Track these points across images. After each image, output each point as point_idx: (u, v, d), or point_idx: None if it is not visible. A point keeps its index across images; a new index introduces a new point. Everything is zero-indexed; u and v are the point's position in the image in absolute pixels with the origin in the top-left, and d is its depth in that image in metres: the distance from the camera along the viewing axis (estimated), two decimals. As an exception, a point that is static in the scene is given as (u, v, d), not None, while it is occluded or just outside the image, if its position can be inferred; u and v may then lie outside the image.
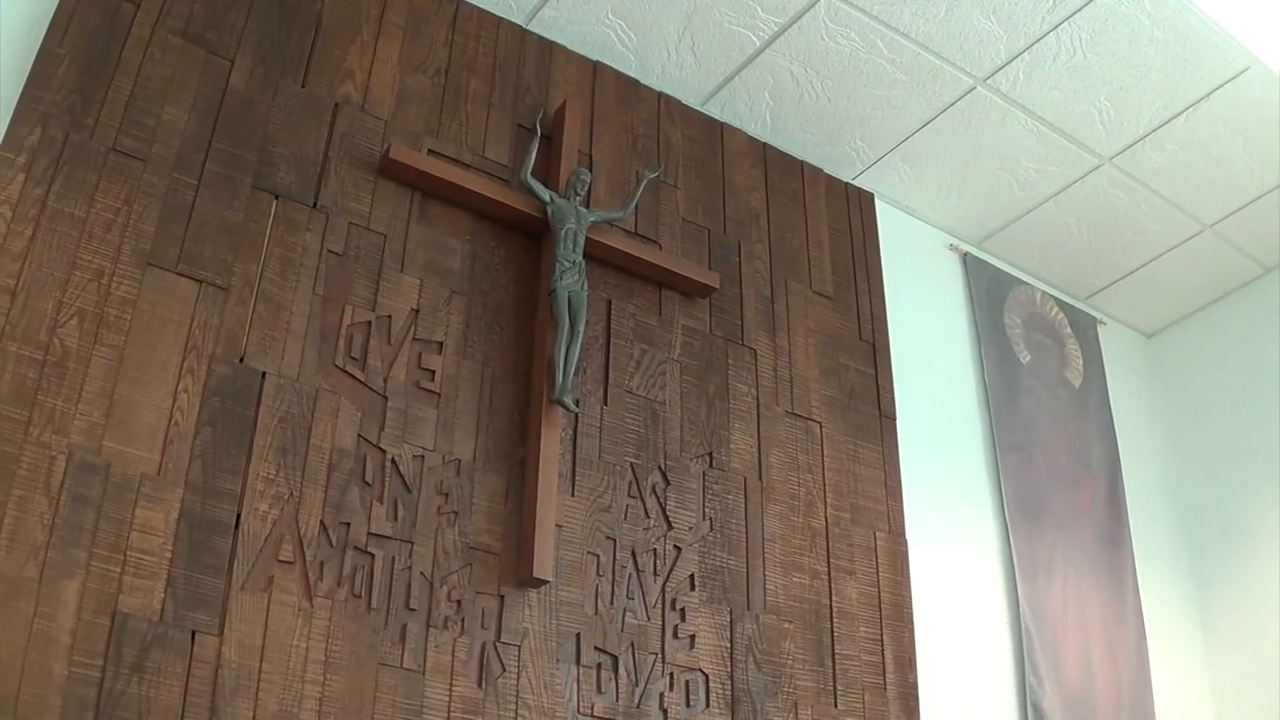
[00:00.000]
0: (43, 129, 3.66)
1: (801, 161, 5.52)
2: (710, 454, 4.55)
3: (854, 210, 5.59)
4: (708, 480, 4.49)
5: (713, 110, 5.34)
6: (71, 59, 3.80)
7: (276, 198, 4.01)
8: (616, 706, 3.94)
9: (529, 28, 4.97)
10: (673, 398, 4.55)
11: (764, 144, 5.44)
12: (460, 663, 3.72)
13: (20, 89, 3.69)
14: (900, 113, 5.47)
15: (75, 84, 3.78)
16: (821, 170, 5.57)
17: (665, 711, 4.02)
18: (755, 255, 5.08)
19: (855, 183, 5.70)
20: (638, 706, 3.97)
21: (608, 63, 5.10)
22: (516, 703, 3.76)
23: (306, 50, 4.31)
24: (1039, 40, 5.02)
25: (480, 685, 3.72)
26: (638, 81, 5.16)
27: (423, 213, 4.29)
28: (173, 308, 3.67)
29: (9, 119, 3.63)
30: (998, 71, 5.18)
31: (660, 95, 5.19)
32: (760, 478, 4.63)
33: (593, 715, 3.89)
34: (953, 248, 6.14)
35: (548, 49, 4.96)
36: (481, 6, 4.86)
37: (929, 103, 5.40)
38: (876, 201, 5.73)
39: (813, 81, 5.29)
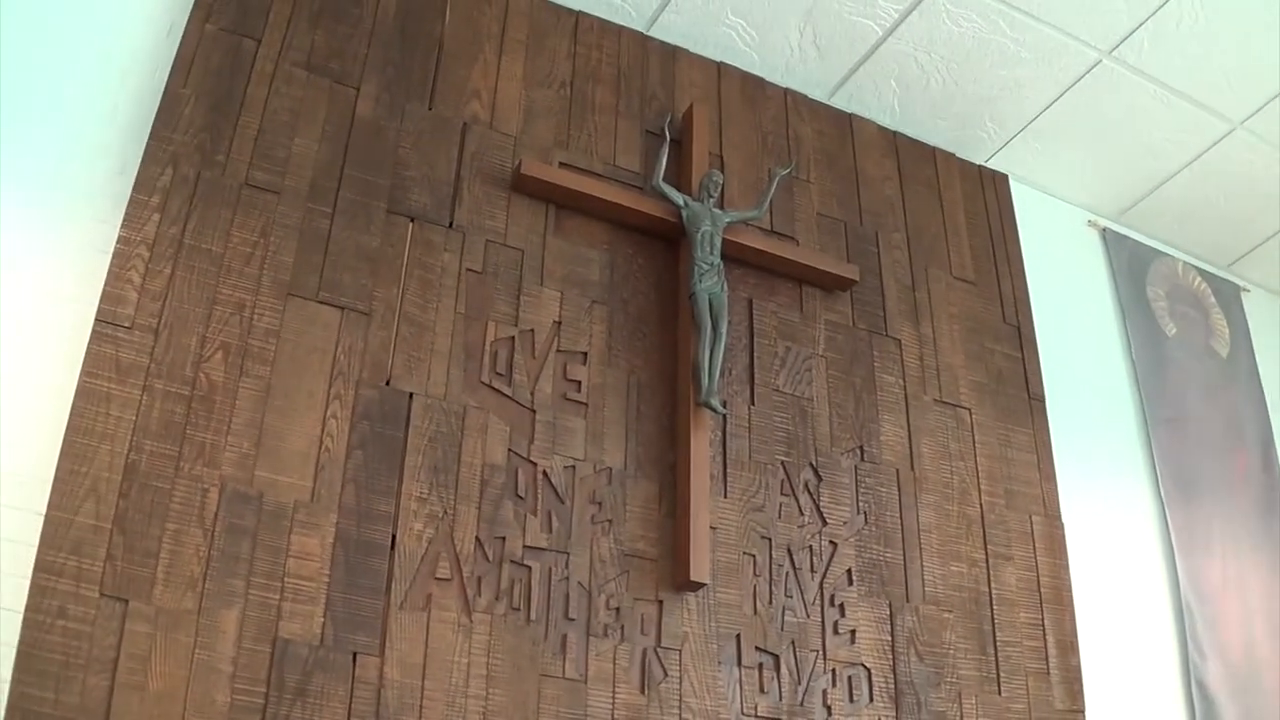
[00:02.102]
0: (174, 169, 3.70)
1: (933, 147, 5.44)
2: (861, 447, 4.48)
3: (989, 193, 5.50)
4: (860, 474, 4.43)
5: (840, 102, 5.26)
6: (197, 98, 3.85)
7: (412, 220, 4.02)
8: (780, 706, 3.88)
9: (650, 34, 4.94)
10: (820, 393, 4.49)
11: (894, 133, 5.36)
12: (622, 670, 3.70)
13: (148, 131, 3.74)
14: (1028, 91, 5.34)
15: (203, 122, 3.83)
16: (954, 155, 5.48)
17: (829, 708, 3.96)
18: (893, 245, 5.01)
19: (988, 165, 5.60)
20: (801, 704, 3.91)
21: (731, 63, 5.05)
22: (680, 707, 3.72)
23: (430, 73, 4.32)
24: (1160, 8, 4.86)
25: (643, 691, 3.70)
26: (763, 79, 5.10)
27: (558, 225, 4.28)
28: (316, 336, 3.70)
29: (139, 161, 3.68)
30: (1122, 43, 5.04)
31: (786, 91, 5.13)
32: (912, 468, 4.56)
33: (756, 715, 3.84)
34: (1091, 224, 6.00)
35: (670, 54, 4.93)
36: (601, 17, 4.85)
37: (1056, 79, 5.26)
38: (1011, 182, 5.62)
39: (938, 66, 5.18)
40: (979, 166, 5.55)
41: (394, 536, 3.54)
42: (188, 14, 3.97)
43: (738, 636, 3.91)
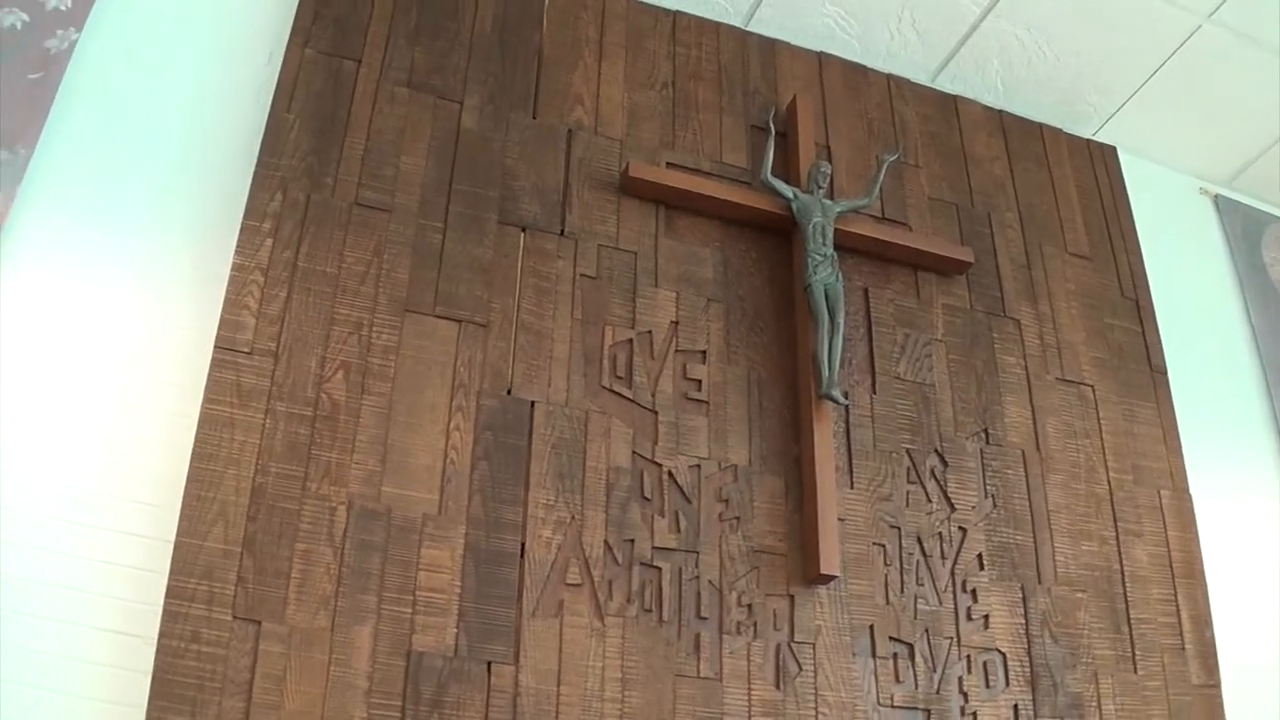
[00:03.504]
0: (283, 193, 3.68)
1: (1039, 124, 5.24)
2: (985, 430, 4.33)
3: (1099, 166, 5.29)
4: (986, 457, 4.27)
5: (943, 84, 5.11)
6: (302, 122, 3.83)
7: (524, 230, 3.97)
8: (916, 695, 3.77)
9: (748, 28, 4.83)
10: (941, 378, 4.35)
11: (999, 111, 5.18)
12: (756, 666, 3.60)
13: (255, 158, 3.73)
14: (1130, 61, 5.13)
15: (309, 145, 3.81)
16: (1061, 130, 5.29)
17: (965, 695, 3.83)
18: (1006, 225, 4.84)
19: (1096, 138, 5.40)
20: (937, 693, 3.79)
21: (832, 52, 4.91)
22: (816, 700, 3.62)
23: (532, 82, 4.27)
24: (1256, -32, 4.62)
25: (778, 686, 3.60)
26: (864, 66, 4.96)
27: (669, 225, 4.19)
28: (435, 350, 3.65)
29: (248, 188, 3.67)
30: (1220, 6, 4.82)
31: (889, 77, 4.99)
32: (1038, 449, 4.39)
33: (893, 706, 3.72)
34: (1203, 191, 5.77)
35: (770, 47, 4.80)
36: (699, 15, 4.75)
37: (1157, 47, 5.05)
38: (1120, 154, 5.41)
39: (1038, 42, 5.00)
40: (1087, 140, 5.35)
41: (523, 544, 3.49)
42: (286, 40, 3.98)
43: (871, 627, 3.80)
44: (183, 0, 4.10)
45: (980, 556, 4.07)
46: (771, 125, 4.41)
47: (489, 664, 3.30)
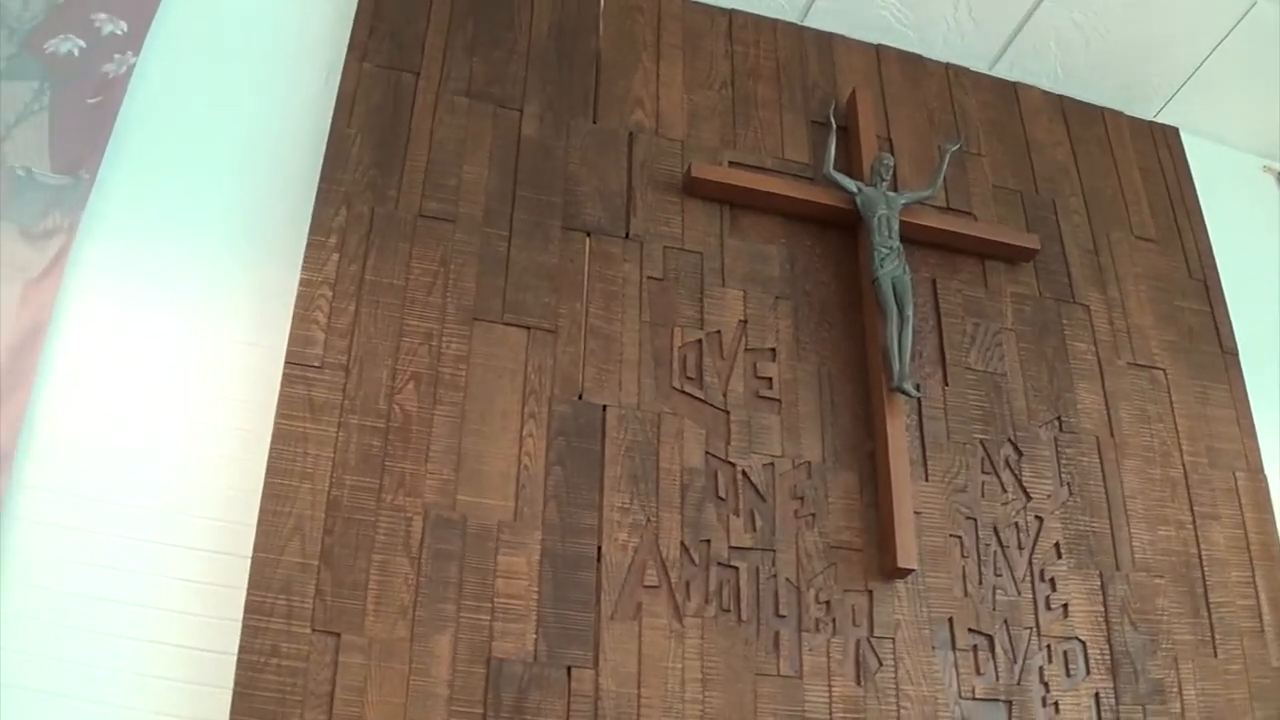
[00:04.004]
0: (347, 207, 3.66)
1: (1100, 107, 5.11)
2: (1059, 418, 4.21)
3: (1161, 147, 5.15)
4: (1060, 445, 4.16)
5: (1002, 71, 4.99)
6: (363, 136, 3.81)
7: (588, 235, 3.92)
8: (997, 686, 3.67)
9: (805, 24, 4.74)
10: (1012, 367, 4.24)
11: (1060, 96, 5.05)
12: (836, 663, 3.53)
13: (318, 173, 3.71)
14: (1188, 40, 5.00)
15: (371, 159, 3.78)
16: (1122, 113, 5.15)
17: (1046, 685, 3.73)
18: (1072, 210, 4.71)
19: (1158, 120, 5.26)
20: (1018, 683, 3.70)
21: (889, 44, 4.82)
22: (897, 695, 3.54)
23: (591, 87, 4.22)
24: (1308, -57, 4.48)
25: (859, 682, 3.52)
26: (922, 57, 4.85)
27: (734, 224, 4.12)
28: (505, 357, 3.62)
29: (312, 203, 3.65)
30: (1274, -18, 4.66)
31: (947, 66, 4.88)
32: (1112, 434, 4.27)
33: (974, 698, 3.63)
34: (1266, 168, 5.62)
35: (827, 41, 4.71)
36: (754, 12, 4.67)
37: (1214, 25, 4.91)
38: (1182, 134, 5.27)
39: (1095, 25, 4.88)
40: (1148, 122, 5.22)
41: (599, 548, 3.44)
42: (343, 55, 3.96)
43: (950, 620, 3.72)
44: (238, 20, 4.11)
45: (1057, 545, 3.98)
46: (832, 119, 4.32)
47: (569, 669, 3.26)
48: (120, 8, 3.89)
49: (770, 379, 3.88)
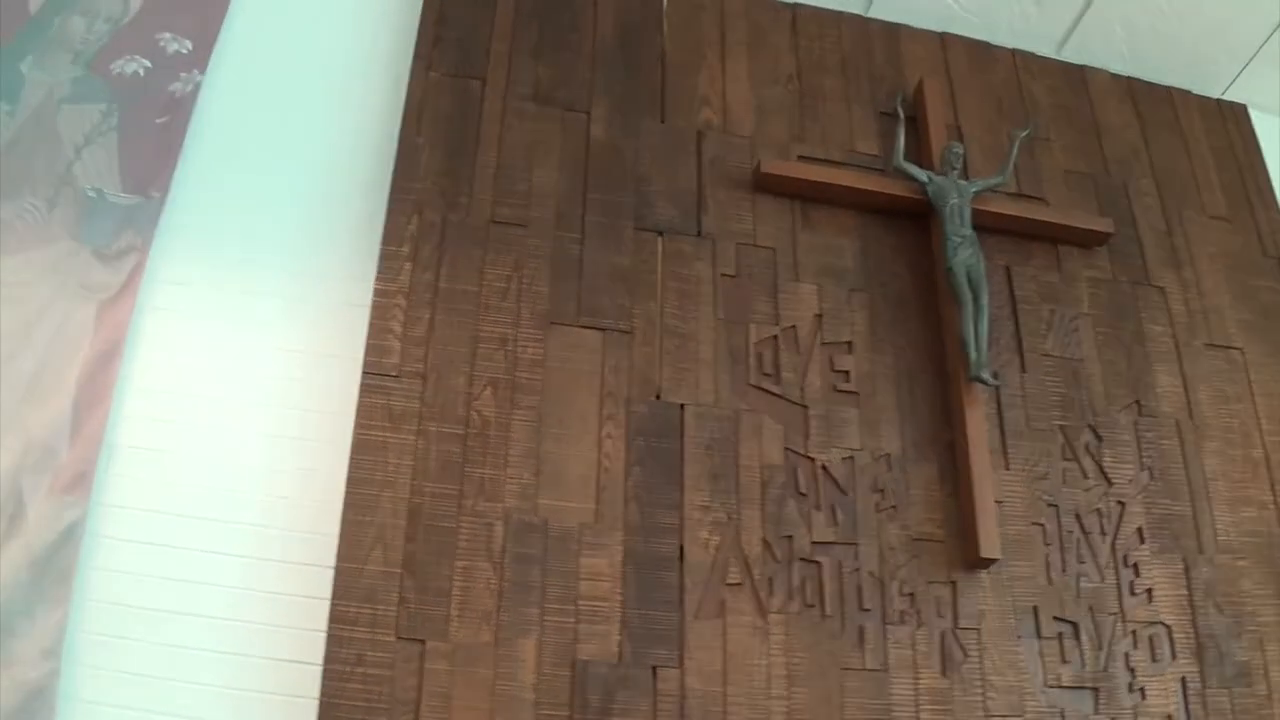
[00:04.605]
0: (419, 216, 3.62)
1: (1168, 87, 4.94)
2: (1137, 402, 4.06)
3: (1230, 126, 4.97)
4: (1139, 429, 4.02)
5: (1069, 55, 4.84)
6: (432, 145, 3.77)
7: (660, 234, 3.84)
8: (1083, 674, 3.56)
9: (869, 15, 4.61)
10: (1090, 352, 4.09)
11: (1127, 78, 4.89)
12: (922, 655, 3.43)
13: (389, 183, 3.67)
14: (1252, 17, 4.80)
15: (441, 167, 3.74)
16: (1190, 92, 4.98)
17: (1132, 671, 3.61)
18: (1143, 192, 4.55)
19: (1225, 97, 5.08)
20: (1104, 670, 3.58)
21: (954, 31, 4.68)
22: (983, 685, 3.44)
23: (658, 87, 4.14)
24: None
25: (944, 674, 3.43)
26: (988, 43, 4.71)
27: (806, 219, 4.02)
28: (581, 360, 3.55)
29: (384, 213, 3.61)
30: (1339, -47, 4.51)
31: (1014, 52, 4.74)
32: (1191, 417, 4.11)
33: (1060, 686, 3.52)
34: (1335, 142, 5.34)
35: (892, 32, 4.59)
36: (819, 5, 4.55)
37: (1276, 1, 4.71)
38: (1250, 111, 5.09)
39: (1159, 5, 4.71)
40: (1217, 100, 5.04)
41: (681, 547, 3.38)
42: (409, 66, 3.91)
43: (1035, 608, 3.60)
44: (302, 35, 4.08)
45: (1140, 530, 3.84)
46: (900, 110, 4.21)
47: (654, 668, 3.20)
48: (184, 27, 3.89)
49: (847, 372, 3.79)
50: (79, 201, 3.50)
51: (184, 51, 3.84)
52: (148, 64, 3.78)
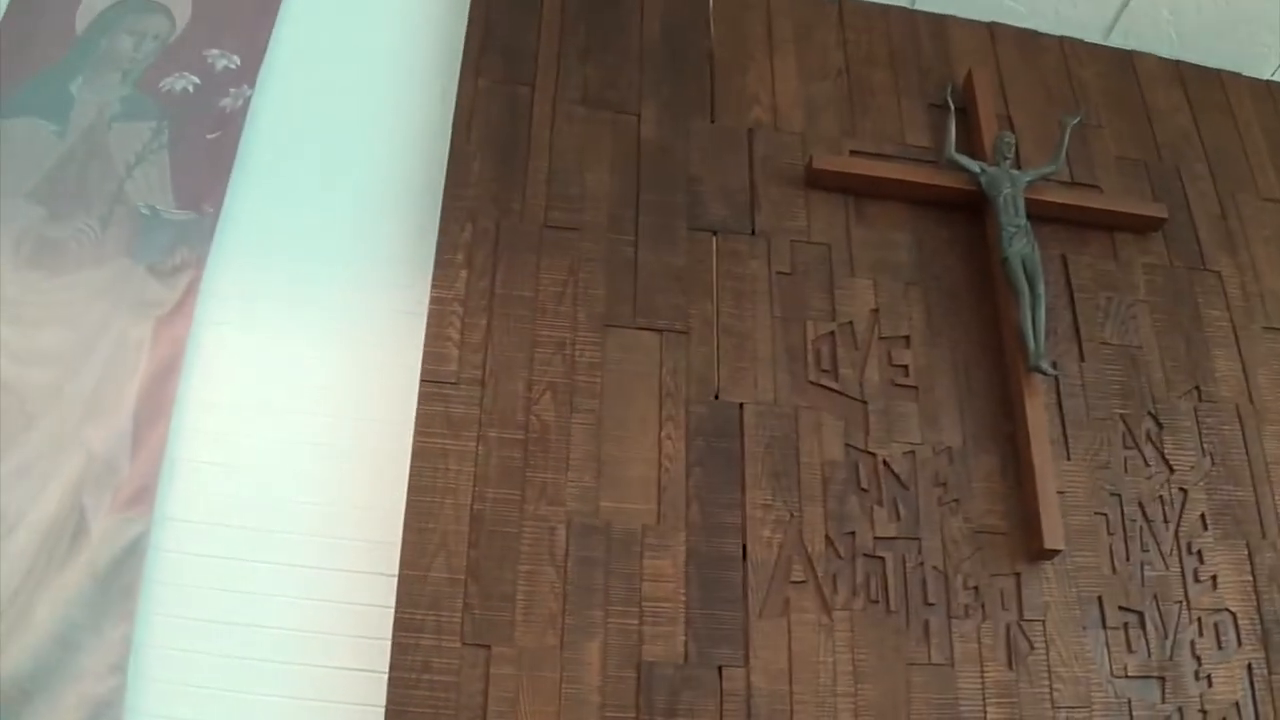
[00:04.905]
0: (473, 223, 3.59)
1: (1217, 70, 4.83)
2: (1197, 388, 3.98)
3: (1281, 106, 4.89)
4: (1200, 415, 3.93)
5: (1117, 41, 4.73)
6: (483, 152, 3.73)
7: (714, 234, 3.79)
8: (1150, 663, 3.49)
9: (915, 8, 4.53)
10: (1148, 339, 4.01)
11: (1176, 62, 4.78)
12: (987, 648, 3.37)
13: (441, 192, 3.64)
14: (1297, -2, 4.72)
15: (493, 174, 3.70)
16: (1239, 74, 4.86)
17: (1198, 659, 3.54)
18: (1197, 176, 4.45)
19: (1276, 78, 4.95)
20: (1170, 659, 3.51)
21: (1001, 21, 4.58)
22: (1049, 677, 3.38)
23: (707, 86, 4.07)
24: None
25: (1011, 667, 3.37)
26: (1035, 32, 4.62)
27: (859, 214, 3.95)
28: (639, 361, 3.51)
29: (438, 222, 3.58)
30: (1383, -71, 4.41)
31: (1061, 40, 4.63)
32: (1251, 401, 4.02)
33: (1126, 676, 3.45)
34: (1386, 120, 5.21)
35: (939, 23, 4.50)
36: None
37: (1324, -22, 4.64)
38: (1300, 92, 5.00)
39: (1204, -12, 4.62)
40: (1266, 81, 4.93)
41: (744, 546, 3.35)
42: (457, 74, 3.88)
43: (1099, 598, 3.53)
44: (349, 47, 4.07)
45: (1203, 516, 3.76)
46: (950, 102, 4.14)
47: (720, 668, 3.16)
48: (232, 43, 3.88)
49: (905, 366, 3.72)
50: (132, 219, 3.50)
51: (232, 67, 3.83)
52: (197, 80, 3.79)
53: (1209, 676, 3.50)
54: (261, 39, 3.93)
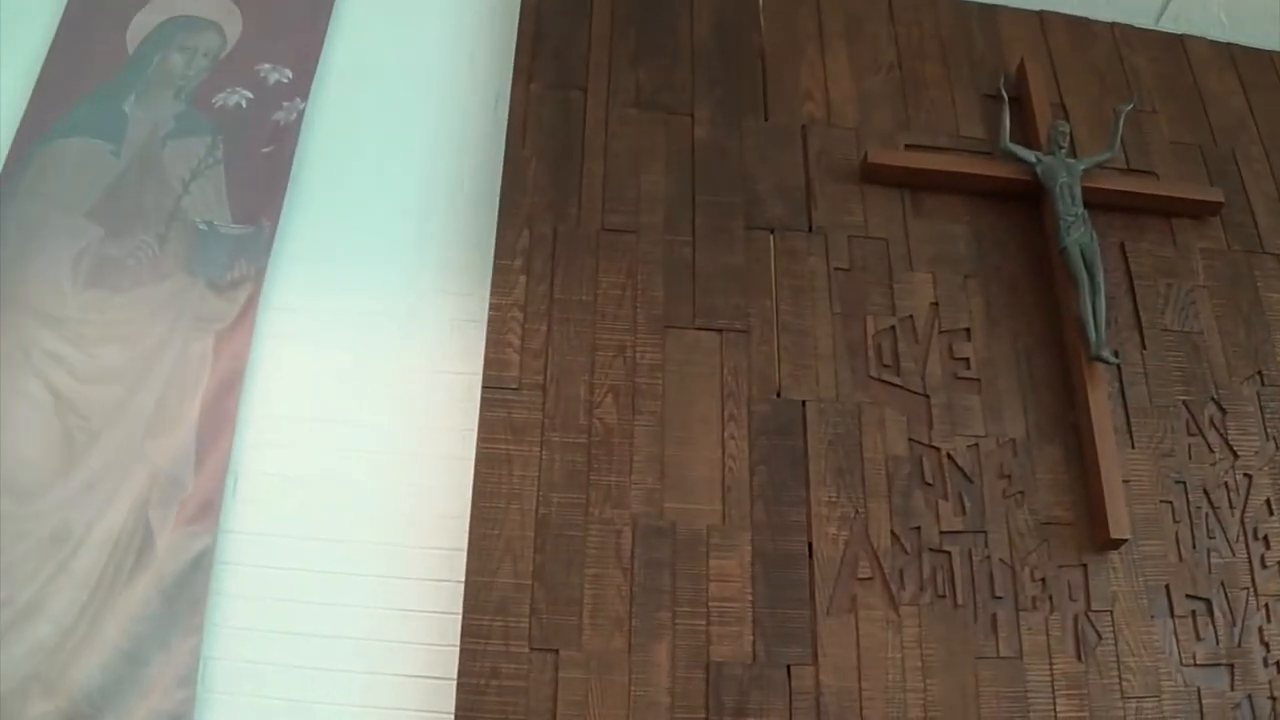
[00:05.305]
0: (530, 229, 3.54)
1: (1269, 52, 4.68)
2: (1259, 372, 3.85)
3: (1336, 85, 4.79)
4: (1263, 399, 3.81)
5: (1168, 25, 4.61)
6: (538, 157, 3.67)
7: (772, 232, 3.71)
8: (1218, 650, 3.39)
9: None
10: (1208, 324, 3.89)
11: (1227, 44, 4.64)
12: (1056, 640, 3.29)
13: (497, 199, 3.58)
14: (1347, -25, 4.61)
15: (548, 179, 3.64)
16: (1291, 54, 4.79)
17: (1267, 645, 3.44)
18: (1252, 158, 4.31)
19: (1328, 60, 4.89)
20: (1239, 645, 3.41)
21: (1051, 9, 4.47)
22: (1118, 667, 3.29)
23: (759, 84, 3.99)
24: None
25: (1079, 658, 3.28)
26: (1086, 19, 4.50)
27: (916, 207, 3.85)
28: (700, 362, 3.44)
29: (494, 229, 3.53)
30: None
31: (1112, 26, 4.51)
32: None
33: (1195, 664, 3.35)
34: None
35: (989, 14, 4.39)
36: None
37: (1370, -45, 4.52)
38: (1352, 70, 4.90)
39: (1253, -31, 4.53)
40: (1319, 62, 4.85)
41: (810, 544, 3.29)
42: (510, 81, 3.82)
43: (1166, 587, 3.43)
44: (401, 57, 4.02)
45: (1268, 502, 3.63)
46: (1004, 92, 4.03)
47: (788, 667, 3.09)
48: (283, 56, 3.85)
49: (967, 359, 3.63)
50: (190, 235, 3.49)
51: (285, 80, 3.81)
52: (249, 95, 3.76)
53: (1278, 663, 3.38)
54: (313, 52, 3.90)
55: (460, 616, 2.98)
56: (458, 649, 2.95)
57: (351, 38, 4.00)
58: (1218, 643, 3.38)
